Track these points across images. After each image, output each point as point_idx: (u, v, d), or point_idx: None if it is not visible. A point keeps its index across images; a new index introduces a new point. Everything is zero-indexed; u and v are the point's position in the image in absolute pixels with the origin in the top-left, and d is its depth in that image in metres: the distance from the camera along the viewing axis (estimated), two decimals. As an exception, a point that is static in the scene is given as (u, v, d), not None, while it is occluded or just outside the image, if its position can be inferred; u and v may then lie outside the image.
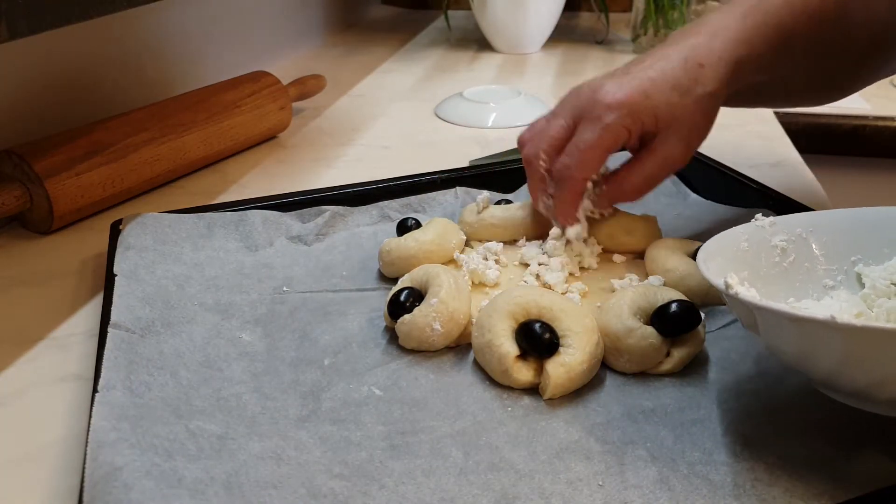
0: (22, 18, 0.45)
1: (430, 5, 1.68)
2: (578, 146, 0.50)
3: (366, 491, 0.36)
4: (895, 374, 0.33)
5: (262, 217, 0.59)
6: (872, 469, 0.37)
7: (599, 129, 0.50)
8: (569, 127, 0.52)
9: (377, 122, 0.92)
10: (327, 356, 0.46)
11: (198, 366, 0.44)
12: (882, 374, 0.34)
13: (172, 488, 0.34)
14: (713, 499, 0.36)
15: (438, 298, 0.46)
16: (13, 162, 0.60)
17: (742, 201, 0.61)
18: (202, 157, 0.75)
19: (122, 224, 0.56)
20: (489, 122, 0.90)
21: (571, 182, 0.51)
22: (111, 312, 0.46)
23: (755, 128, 0.90)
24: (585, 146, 0.50)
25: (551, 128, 0.52)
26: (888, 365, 0.33)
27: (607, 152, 0.51)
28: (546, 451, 0.39)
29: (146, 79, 0.84)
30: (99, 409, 0.38)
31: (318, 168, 0.78)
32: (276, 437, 0.39)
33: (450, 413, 0.42)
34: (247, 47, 1.07)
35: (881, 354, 0.33)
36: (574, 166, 0.50)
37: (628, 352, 0.44)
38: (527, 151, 0.54)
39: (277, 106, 0.83)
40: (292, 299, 0.52)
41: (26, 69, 0.67)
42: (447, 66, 1.20)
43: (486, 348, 0.44)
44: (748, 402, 0.42)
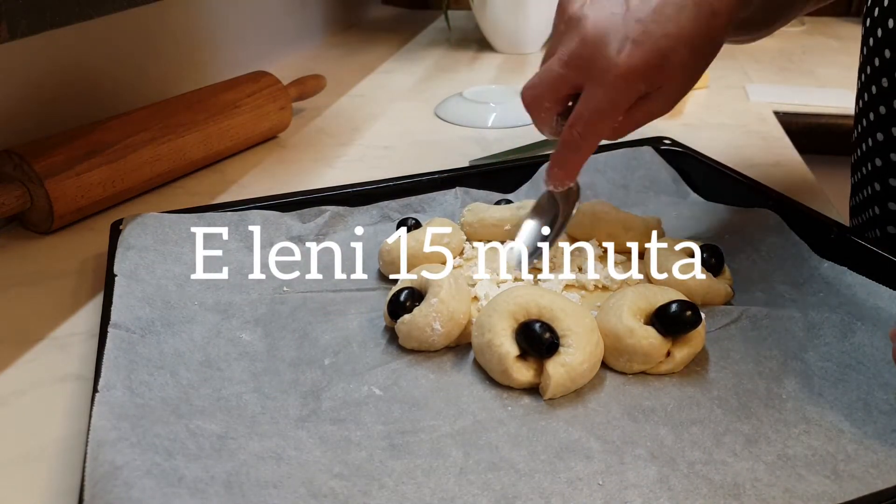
0: (22, 18, 0.45)
1: (430, 5, 1.68)
2: (591, 115, 0.47)
3: (366, 490, 0.36)
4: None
5: (262, 217, 0.59)
6: (872, 469, 0.37)
7: (613, 98, 0.46)
8: (572, 79, 0.47)
9: (377, 122, 0.92)
10: (327, 356, 0.46)
11: (198, 365, 0.44)
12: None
13: (173, 487, 0.34)
14: (713, 499, 0.36)
15: (438, 298, 0.46)
16: (13, 162, 0.60)
17: (742, 201, 0.61)
18: (202, 157, 0.75)
19: (122, 224, 0.56)
20: (489, 122, 0.90)
21: (582, 149, 0.49)
22: (111, 312, 0.46)
23: (755, 128, 0.90)
24: (599, 116, 0.47)
25: (552, 78, 0.48)
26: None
27: (620, 116, 0.48)
28: (546, 451, 0.39)
29: (146, 79, 0.84)
30: (99, 408, 0.38)
31: (318, 168, 0.78)
32: (276, 437, 0.39)
33: (450, 413, 0.42)
34: (247, 47, 1.07)
35: None
36: (586, 136, 0.48)
37: (628, 352, 0.44)
38: (529, 97, 0.50)
39: (277, 106, 0.83)
40: (292, 299, 0.52)
41: (26, 69, 0.67)
42: (447, 66, 1.20)
43: (486, 348, 0.44)
44: (748, 401, 0.42)
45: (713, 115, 0.94)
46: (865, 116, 0.62)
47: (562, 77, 0.48)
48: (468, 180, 0.66)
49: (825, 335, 0.47)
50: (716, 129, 0.90)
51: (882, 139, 0.60)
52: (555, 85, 0.48)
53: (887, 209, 0.61)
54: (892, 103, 0.59)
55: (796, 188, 0.73)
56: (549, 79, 0.48)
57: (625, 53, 0.45)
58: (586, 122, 0.47)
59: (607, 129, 0.48)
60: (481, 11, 1.24)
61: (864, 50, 0.63)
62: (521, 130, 0.88)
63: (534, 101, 0.50)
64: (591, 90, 0.47)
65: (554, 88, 0.48)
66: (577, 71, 0.47)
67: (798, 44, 1.36)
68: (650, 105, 0.48)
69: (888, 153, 0.60)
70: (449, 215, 0.63)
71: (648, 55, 0.45)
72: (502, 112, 0.91)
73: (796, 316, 0.48)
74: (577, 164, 0.50)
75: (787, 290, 0.52)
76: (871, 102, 0.61)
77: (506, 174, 0.67)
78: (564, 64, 0.47)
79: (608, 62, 0.45)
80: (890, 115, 0.59)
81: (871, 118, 0.61)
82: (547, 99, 0.49)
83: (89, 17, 0.51)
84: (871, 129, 0.62)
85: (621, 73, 0.45)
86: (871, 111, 0.61)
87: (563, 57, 0.47)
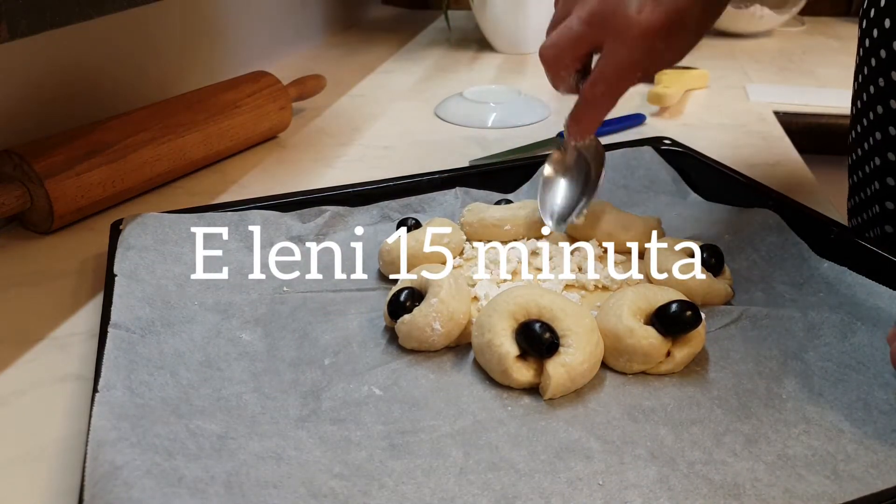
0: (22, 18, 0.45)
1: (430, 5, 1.68)
2: (615, 73, 0.48)
3: (366, 490, 0.36)
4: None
5: (262, 217, 0.59)
6: (872, 469, 0.37)
7: (635, 56, 0.47)
8: (593, 36, 0.48)
9: (377, 122, 0.92)
10: (327, 356, 0.46)
11: (198, 365, 0.44)
12: None
13: (173, 487, 0.34)
14: (713, 499, 0.36)
15: (438, 298, 0.46)
16: (13, 162, 0.60)
17: (742, 201, 0.61)
18: (202, 157, 0.75)
19: (122, 224, 0.56)
20: (489, 122, 0.90)
21: (604, 107, 0.50)
22: (111, 312, 0.46)
23: (755, 128, 0.90)
24: (622, 74, 0.48)
25: (571, 35, 0.49)
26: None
27: (640, 73, 0.49)
28: (546, 451, 0.39)
29: (146, 79, 0.84)
30: (99, 408, 0.38)
31: (318, 168, 0.78)
32: (276, 437, 0.39)
33: (450, 413, 0.42)
34: (247, 47, 1.07)
35: None
36: (609, 93, 0.49)
37: (628, 352, 0.44)
38: (548, 54, 0.51)
39: (277, 106, 0.83)
40: (292, 299, 0.52)
41: (26, 69, 0.67)
42: (447, 66, 1.20)
43: (486, 348, 0.44)
44: (748, 401, 0.42)
45: (713, 115, 0.94)
46: (865, 116, 0.63)
47: (582, 35, 0.49)
48: (468, 180, 0.66)
49: (825, 335, 0.47)
50: (716, 129, 0.90)
51: (880, 138, 0.60)
52: (575, 43, 0.49)
53: (886, 208, 0.61)
54: (890, 103, 0.59)
55: (796, 188, 0.73)
56: (570, 37, 0.49)
57: (646, 12, 0.46)
58: (608, 80, 0.48)
59: (628, 85, 0.49)
60: (481, 11, 1.24)
61: (860, 51, 0.63)
62: (521, 130, 0.88)
63: (554, 59, 0.51)
64: (612, 48, 0.48)
65: (574, 46, 0.49)
66: (598, 29, 0.48)
67: (798, 44, 1.36)
68: (662, 62, 0.50)
69: (886, 152, 0.60)
70: (449, 215, 0.63)
71: (669, 13, 0.46)
72: (502, 112, 0.91)
73: (796, 316, 0.48)
74: (598, 120, 0.52)
75: (787, 290, 0.52)
76: (869, 102, 0.61)
77: (506, 174, 0.67)
78: (584, 22, 0.48)
79: (629, 20, 0.46)
80: (887, 115, 0.59)
81: (870, 117, 0.62)
82: (567, 57, 0.50)
83: (89, 17, 0.51)
84: (871, 129, 0.62)
85: (642, 31, 0.46)
86: (871, 111, 0.61)
87: (582, 15, 0.48)
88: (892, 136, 0.59)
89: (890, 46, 0.57)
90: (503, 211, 0.58)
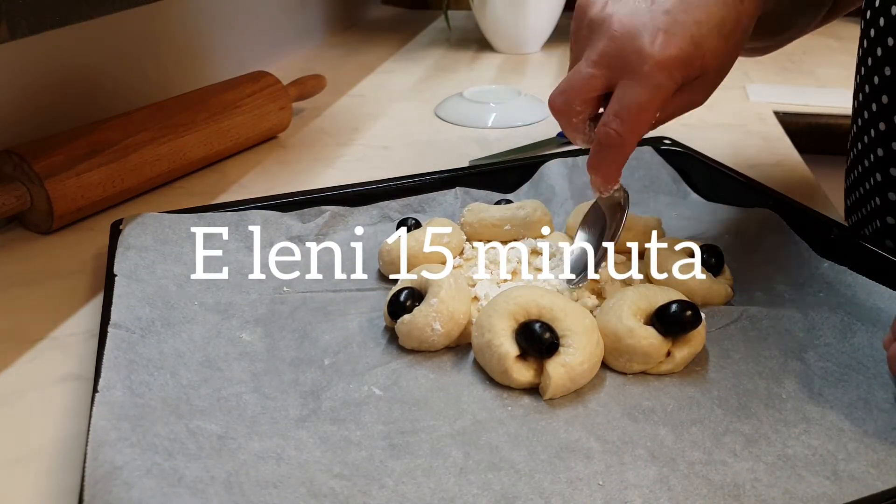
0: (22, 18, 0.45)
1: (430, 5, 1.68)
2: (629, 109, 0.45)
3: (366, 490, 0.36)
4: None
5: (262, 217, 0.59)
6: (873, 469, 0.37)
7: (652, 91, 0.44)
8: (605, 78, 0.46)
9: (377, 122, 0.92)
10: (327, 356, 0.46)
11: (198, 365, 0.44)
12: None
13: (173, 487, 0.34)
14: (713, 499, 0.36)
15: (438, 298, 0.46)
16: (13, 162, 0.60)
17: (742, 201, 0.61)
18: (202, 157, 0.75)
19: (122, 224, 0.56)
20: (489, 122, 0.90)
21: (623, 148, 0.46)
22: (111, 312, 0.46)
23: (755, 128, 0.90)
24: (637, 110, 0.45)
25: (583, 80, 0.46)
26: None
27: (658, 111, 0.46)
28: (546, 451, 0.39)
29: (146, 79, 0.84)
30: (99, 408, 0.38)
31: (318, 168, 0.78)
32: (276, 437, 0.39)
33: (450, 413, 0.42)
34: (247, 47, 1.07)
35: None
36: (625, 133, 0.45)
37: (628, 352, 0.44)
38: (557, 103, 0.48)
39: (277, 106, 0.83)
40: (292, 299, 0.52)
41: (26, 69, 0.67)
42: (447, 66, 1.20)
43: (486, 348, 0.44)
44: (748, 401, 0.42)
45: (713, 115, 0.94)
46: (867, 108, 0.62)
47: (593, 77, 0.46)
48: (468, 180, 0.66)
49: (825, 335, 0.47)
50: (716, 129, 0.90)
51: (884, 129, 0.60)
52: (586, 86, 0.46)
53: (888, 199, 0.61)
54: (882, 97, 0.59)
55: (796, 188, 0.73)
56: (580, 80, 0.46)
57: (658, 44, 0.43)
58: (624, 117, 0.45)
59: (646, 123, 0.46)
60: (481, 11, 1.24)
61: (864, 42, 0.63)
62: (521, 130, 0.88)
63: (564, 106, 0.47)
64: (626, 85, 0.45)
65: (585, 90, 0.46)
66: (610, 69, 0.45)
67: (798, 44, 1.35)
68: (687, 95, 0.47)
69: (890, 142, 0.60)
70: (449, 215, 0.63)
71: (683, 44, 0.44)
72: (502, 112, 0.91)
73: (796, 316, 0.48)
74: (616, 164, 0.48)
75: (787, 290, 0.52)
76: (872, 94, 0.61)
77: (506, 174, 0.67)
78: (595, 63, 0.46)
79: (642, 55, 0.44)
80: (892, 105, 0.59)
81: (873, 109, 0.61)
82: (578, 102, 0.47)
83: (89, 17, 0.51)
84: (873, 121, 0.62)
85: (658, 63, 0.43)
86: (874, 102, 0.61)
87: (592, 57, 0.46)
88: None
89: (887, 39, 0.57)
90: (503, 211, 0.58)
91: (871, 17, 0.61)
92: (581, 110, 0.47)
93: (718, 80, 0.48)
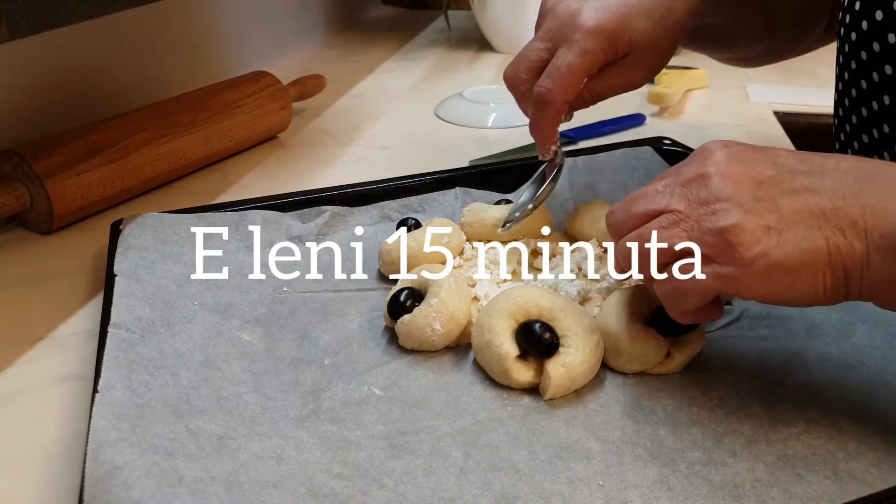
0: (22, 18, 0.45)
1: (430, 5, 1.68)
2: (559, 69, 0.51)
3: (366, 490, 0.36)
4: None
5: (262, 217, 0.59)
6: (873, 468, 0.37)
7: (579, 54, 0.51)
8: (547, 49, 0.53)
9: (377, 122, 0.92)
10: (327, 356, 0.46)
11: (198, 366, 0.44)
12: None
13: (173, 487, 0.34)
14: (713, 499, 0.36)
15: (438, 298, 0.46)
16: (13, 162, 0.60)
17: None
18: (202, 157, 0.75)
19: (122, 224, 0.56)
20: (489, 122, 0.90)
21: (552, 105, 0.52)
22: (111, 312, 0.46)
23: (755, 128, 0.90)
24: (566, 70, 0.51)
25: (530, 51, 0.54)
26: None
27: (586, 75, 0.52)
28: (546, 451, 0.39)
29: (146, 79, 0.84)
30: (99, 408, 0.38)
31: (318, 168, 0.78)
32: (276, 437, 0.39)
33: (450, 413, 0.42)
34: (247, 47, 1.07)
35: None
36: (554, 89, 0.52)
37: (628, 352, 0.44)
38: (507, 73, 0.55)
39: (277, 106, 0.83)
40: (292, 299, 0.52)
41: (26, 69, 0.67)
42: (447, 66, 1.20)
43: (486, 348, 0.44)
44: (748, 401, 0.42)
45: (713, 115, 0.94)
46: (848, 121, 0.63)
47: (538, 49, 0.53)
48: (468, 180, 0.66)
49: (825, 335, 0.47)
50: (716, 129, 0.90)
51: (867, 141, 0.61)
52: (531, 56, 0.54)
53: None
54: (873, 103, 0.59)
55: (796, 188, 0.72)
56: (527, 51, 0.54)
57: (590, 17, 0.51)
58: (554, 76, 0.51)
59: (574, 83, 0.52)
60: (481, 11, 1.24)
61: (845, 47, 0.63)
62: (521, 130, 0.88)
63: (512, 75, 0.54)
64: (560, 51, 0.52)
65: (530, 59, 0.54)
66: (552, 41, 0.53)
67: (798, 44, 1.36)
68: (622, 70, 0.54)
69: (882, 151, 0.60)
70: (449, 215, 0.63)
71: (611, 17, 0.51)
72: (502, 112, 0.91)
73: (796, 316, 0.48)
74: (550, 122, 0.53)
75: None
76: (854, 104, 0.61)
77: (506, 174, 0.67)
78: (540, 38, 0.54)
79: (575, 26, 0.52)
80: (871, 115, 0.59)
81: (853, 121, 0.62)
82: (523, 70, 0.54)
83: (89, 17, 0.51)
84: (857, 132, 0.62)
85: (587, 31, 0.51)
86: (854, 114, 0.61)
87: (539, 34, 0.54)
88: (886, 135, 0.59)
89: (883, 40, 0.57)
90: (503, 211, 0.58)
91: (850, 22, 0.61)
92: (527, 79, 0.54)
93: (654, 63, 0.55)
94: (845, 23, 0.62)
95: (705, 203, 0.38)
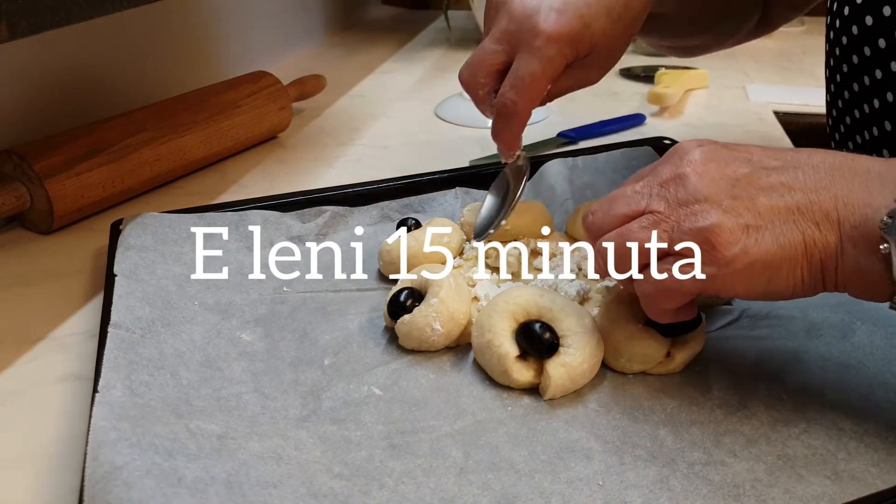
0: (22, 18, 0.45)
1: (430, 5, 1.68)
2: (523, 80, 0.50)
3: (366, 490, 0.36)
4: None
5: (262, 217, 0.59)
6: (873, 468, 0.37)
7: (543, 62, 0.49)
8: (505, 52, 0.51)
9: (377, 122, 0.92)
10: (327, 356, 0.46)
11: (198, 366, 0.44)
12: None
13: (173, 487, 0.34)
14: (713, 499, 0.36)
15: (438, 298, 0.46)
16: (13, 162, 0.60)
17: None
18: (202, 157, 0.75)
19: (123, 224, 0.56)
20: (489, 122, 0.90)
21: (517, 116, 0.51)
22: (111, 312, 0.46)
23: (755, 128, 0.90)
24: (530, 80, 0.49)
25: (486, 54, 0.52)
26: None
27: (549, 83, 0.51)
28: (546, 451, 0.39)
29: (146, 79, 0.84)
30: (99, 408, 0.38)
31: (318, 168, 0.78)
32: (276, 437, 0.39)
33: (450, 413, 0.42)
34: (247, 47, 1.07)
35: None
36: (519, 101, 0.50)
37: (628, 352, 0.44)
38: (464, 77, 0.53)
39: (277, 106, 0.83)
40: (292, 299, 0.52)
41: (26, 69, 0.67)
42: (447, 66, 1.20)
43: (486, 348, 0.44)
44: (748, 402, 0.42)
45: (713, 115, 0.94)
46: (842, 122, 0.63)
47: (495, 52, 0.51)
48: (468, 180, 0.66)
49: (825, 335, 0.47)
50: (716, 129, 0.90)
51: (861, 141, 0.61)
52: (489, 60, 0.51)
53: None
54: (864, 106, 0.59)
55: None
56: (483, 55, 0.52)
57: (551, 21, 0.49)
58: (518, 86, 0.50)
59: (538, 93, 0.50)
60: (481, 11, 1.24)
61: (836, 51, 0.63)
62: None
63: (470, 78, 0.53)
64: (521, 58, 0.50)
65: (488, 63, 0.51)
66: (508, 44, 0.50)
67: (798, 44, 1.36)
68: (579, 72, 0.52)
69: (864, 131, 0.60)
70: (449, 215, 0.63)
71: (573, 21, 0.49)
72: (502, 112, 0.91)
73: (796, 316, 0.48)
74: (514, 131, 0.53)
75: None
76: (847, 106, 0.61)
77: (506, 174, 0.67)
78: (497, 40, 0.51)
79: (536, 31, 0.49)
80: (864, 117, 0.59)
81: (847, 122, 0.62)
82: (482, 75, 0.52)
83: (89, 17, 0.51)
84: (851, 133, 0.62)
85: (549, 38, 0.48)
86: (847, 115, 0.61)
87: (494, 35, 0.51)
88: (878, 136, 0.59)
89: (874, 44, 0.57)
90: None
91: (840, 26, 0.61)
92: (485, 83, 0.52)
93: (610, 62, 0.54)
94: (835, 27, 0.62)
95: (684, 204, 0.39)
